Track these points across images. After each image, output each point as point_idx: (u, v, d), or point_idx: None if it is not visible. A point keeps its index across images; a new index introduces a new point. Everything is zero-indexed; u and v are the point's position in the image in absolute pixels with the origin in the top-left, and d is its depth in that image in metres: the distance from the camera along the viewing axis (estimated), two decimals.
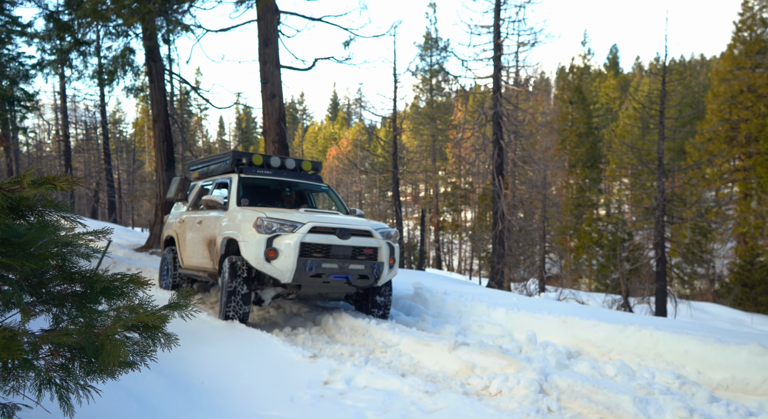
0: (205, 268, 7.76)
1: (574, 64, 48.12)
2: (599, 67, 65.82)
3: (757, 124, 31.18)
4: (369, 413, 4.20)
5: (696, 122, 37.04)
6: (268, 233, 6.55)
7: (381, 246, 7.06)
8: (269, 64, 13.28)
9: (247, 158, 8.14)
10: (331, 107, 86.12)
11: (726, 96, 32.39)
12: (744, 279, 28.52)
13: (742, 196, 33.55)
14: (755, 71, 31.38)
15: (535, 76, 46.89)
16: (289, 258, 6.48)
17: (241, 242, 6.68)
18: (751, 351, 5.53)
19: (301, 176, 8.48)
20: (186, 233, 8.45)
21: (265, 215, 6.68)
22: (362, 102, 56.52)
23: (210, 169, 8.78)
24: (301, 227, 6.61)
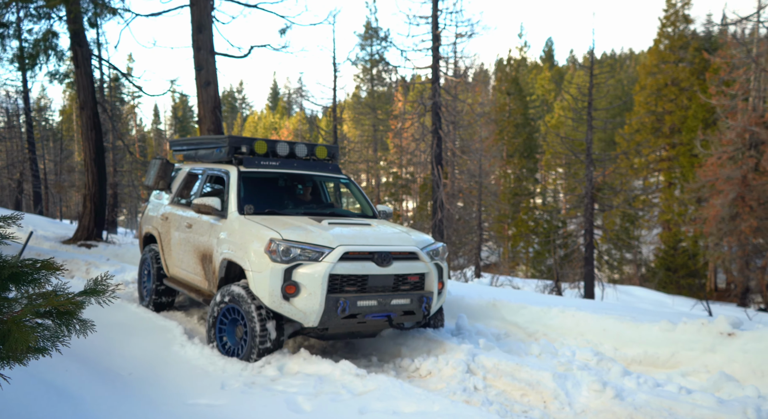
0: (198, 287, 6.23)
1: (511, 56, 49.23)
2: (536, 59, 67.61)
3: (680, 116, 32.89)
4: (300, 398, 4.26)
5: (625, 113, 38.66)
6: (286, 261, 4.99)
7: (429, 271, 5.52)
8: (203, 50, 12.99)
9: (247, 146, 6.35)
10: (271, 96, 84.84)
11: (652, 89, 33.97)
12: (668, 264, 30.16)
13: (666, 185, 35.38)
14: (678, 65, 33.03)
15: (473, 67, 47.67)
16: (315, 296, 4.94)
17: (249, 271, 5.13)
18: (661, 328, 5.92)
19: (315, 166, 6.70)
20: (171, 233, 6.81)
21: (280, 235, 5.08)
22: (303, 91, 55.99)
23: (200, 154, 7.04)
24: (329, 253, 5.03)
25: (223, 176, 6.33)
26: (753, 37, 22.66)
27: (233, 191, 5.95)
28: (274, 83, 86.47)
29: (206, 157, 6.83)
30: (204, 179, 6.74)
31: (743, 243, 24.13)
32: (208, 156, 6.77)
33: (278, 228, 5.22)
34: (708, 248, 26.92)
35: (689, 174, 30.56)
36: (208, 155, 6.78)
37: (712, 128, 28.49)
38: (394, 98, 44.55)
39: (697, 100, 29.41)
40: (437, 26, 23.40)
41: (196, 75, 13.13)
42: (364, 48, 42.59)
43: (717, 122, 27.71)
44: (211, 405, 4.09)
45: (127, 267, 9.67)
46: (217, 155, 6.54)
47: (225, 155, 6.38)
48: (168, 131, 66.76)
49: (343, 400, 4.18)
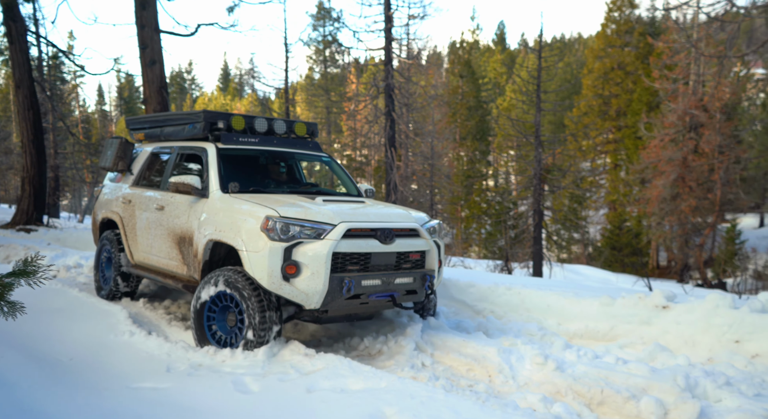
0: (174, 273, 5.85)
1: (464, 39, 49.51)
2: (488, 42, 68.14)
3: (625, 99, 33.85)
4: (247, 378, 4.25)
5: (574, 96, 39.51)
6: (285, 239, 4.69)
7: (430, 248, 5.37)
8: (147, 28, 12.57)
9: (224, 122, 5.95)
10: (222, 77, 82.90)
11: (599, 72, 34.79)
12: (613, 243, 31.21)
13: (612, 166, 36.48)
14: (624, 50, 33.89)
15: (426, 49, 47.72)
16: (318, 276, 4.66)
17: (244, 251, 4.81)
18: (601, 303, 6.15)
19: (295, 144, 6.43)
20: (137, 218, 6.36)
21: (277, 212, 4.77)
22: (254, 72, 54.89)
23: (165, 132, 6.55)
24: (331, 230, 4.76)
25: (199, 154, 5.93)
26: (693, 23, 23.45)
27: (213, 169, 5.60)
28: (225, 64, 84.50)
29: (175, 134, 6.38)
30: (175, 158, 6.26)
31: (683, 222, 25.20)
32: (178, 134, 6.33)
33: (272, 205, 4.91)
34: (651, 227, 28.00)
35: (634, 156, 31.59)
36: (177, 132, 6.34)
37: (656, 111, 29.46)
38: (347, 80, 44.23)
39: (642, 83, 30.30)
40: (389, 7, 23.27)
41: (140, 54, 12.71)
42: (317, 29, 42.06)
43: (660, 105, 28.68)
44: (156, 388, 4.04)
45: (69, 252, 9.37)
46: (190, 132, 6.13)
47: (200, 132, 5.98)
48: (113, 112, 64.46)
49: (291, 380, 4.19)
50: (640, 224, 30.47)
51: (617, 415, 4.07)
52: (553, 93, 32.83)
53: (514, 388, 4.57)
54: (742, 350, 5.14)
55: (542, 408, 4.04)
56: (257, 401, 3.89)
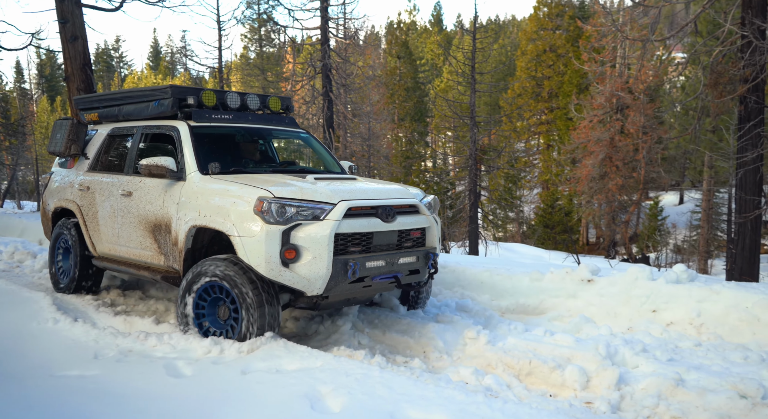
0: (149, 264, 5.47)
1: (401, 19, 49.41)
2: (425, 23, 68.30)
3: (557, 81, 34.81)
4: (180, 363, 4.18)
5: (508, 78, 40.29)
6: (282, 222, 4.38)
7: (431, 225, 5.17)
8: (68, 1, 11.88)
9: (194, 97, 5.51)
10: (152, 55, 79.58)
11: (532, 55, 35.58)
12: (546, 221, 32.30)
13: (545, 147, 37.59)
14: (556, 32, 34.77)
15: (364, 29, 47.40)
16: (321, 260, 4.38)
17: (236, 237, 4.47)
18: (531, 278, 6.39)
19: (271, 119, 6.08)
20: (99, 206, 5.93)
21: (271, 192, 4.45)
22: (187, 51, 53.03)
23: (125, 111, 6.02)
24: (330, 210, 4.48)
25: (169, 134, 5.50)
26: (619, 7, 24.30)
27: (188, 149, 5.20)
28: (155, 41, 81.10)
29: (137, 113, 5.88)
30: (139, 138, 5.82)
31: (610, 200, 26.35)
32: (140, 112, 5.83)
33: (263, 185, 4.58)
34: (581, 205, 29.13)
35: (565, 137, 32.65)
36: (139, 110, 5.84)
37: (585, 92, 30.46)
38: (284, 60, 43.42)
39: (572, 66, 31.21)
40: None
41: (60, 29, 12.03)
42: (251, 6, 40.86)
43: (589, 87, 29.66)
44: (83, 376, 3.91)
45: None
46: (156, 110, 5.64)
47: (168, 109, 5.50)
48: (34, 90, 60.86)
49: (225, 362, 4.15)
50: (571, 203, 31.64)
51: (544, 384, 4.26)
52: (489, 75, 33.37)
53: (448, 363, 4.71)
54: (658, 319, 5.47)
55: (474, 381, 4.18)
56: (190, 384, 3.84)
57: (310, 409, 3.38)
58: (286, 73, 39.58)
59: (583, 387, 4.11)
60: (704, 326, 5.23)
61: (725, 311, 5.23)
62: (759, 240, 12.15)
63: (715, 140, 23.87)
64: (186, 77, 57.35)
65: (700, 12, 12.00)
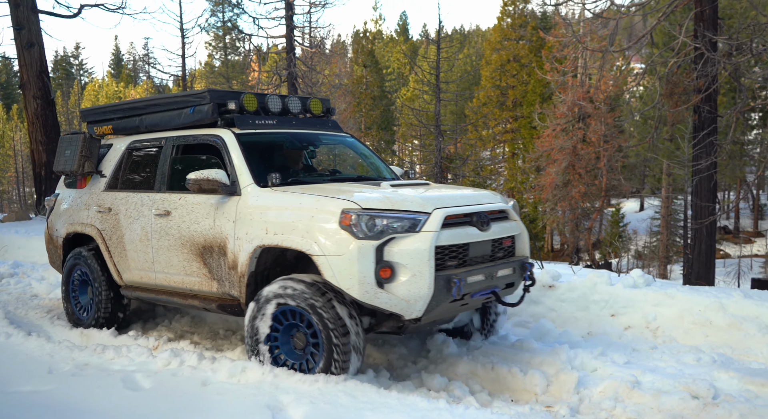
0: (197, 291, 4.87)
1: (367, 28, 49.74)
2: (391, 32, 68.83)
3: (521, 90, 35.42)
4: (138, 375, 4.11)
5: (474, 87, 40.84)
6: (373, 236, 3.84)
7: (522, 232, 4.69)
8: (23, 7, 11.63)
9: (235, 102, 4.98)
10: (113, 63, 78.21)
11: (497, 64, 36.14)
12: None
13: (510, 155, 38.15)
14: (519, 43, 35.42)
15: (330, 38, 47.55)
16: (422, 278, 3.81)
17: (321, 256, 3.91)
18: None
19: (315, 124, 5.60)
20: (125, 228, 5.34)
21: (356, 203, 3.93)
22: (150, 58, 52.24)
23: (149, 121, 5.50)
24: (426, 220, 3.94)
25: (211, 144, 4.93)
26: (580, 19, 24.93)
27: (239, 160, 4.66)
28: (117, 48, 79.77)
29: (164, 123, 5.35)
30: (169, 151, 5.23)
31: (574, 207, 26.89)
32: (169, 121, 5.30)
33: (344, 196, 4.05)
34: (545, 212, 29.64)
35: (529, 145, 33.19)
36: (168, 120, 5.32)
37: (548, 102, 31.09)
38: (249, 68, 43.16)
39: (535, 75, 31.80)
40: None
41: (15, 35, 11.76)
42: (215, 14, 40.56)
43: (552, 97, 30.30)
44: (37, 391, 3.80)
45: None
46: (190, 118, 5.14)
47: (207, 116, 5.00)
48: None
49: (185, 375, 4.09)
50: (536, 210, 32.15)
51: (507, 390, 4.31)
52: (454, 84, 33.80)
53: (413, 370, 4.73)
54: (616, 322, 5.60)
55: (437, 386, 4.21)
56: (149, 398, 3.77)
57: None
58: (251, 81, 39.32)
59: (543, 391, 4.17)
60: (660, 329, 5.37)
61: (679, 315, 5.38)
62: (714, 245, 12.56)
63: (672, 148, 24.61)
64: (149, 85, 56.49)
65: (656, 24, 12.40)
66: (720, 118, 12.68)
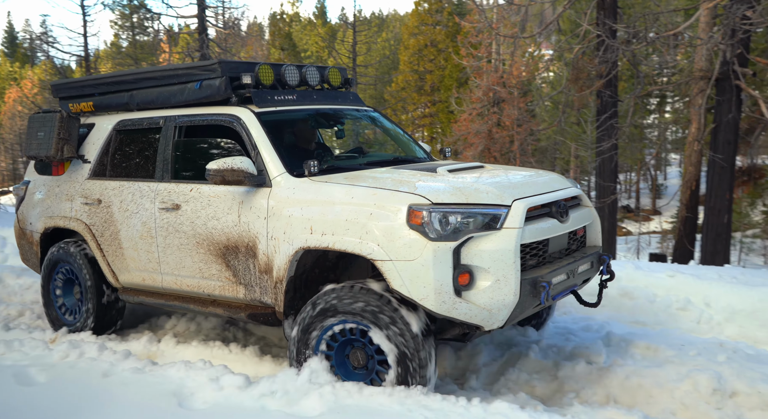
0: (216, 296, 4.28)
1: (283, 10, 48.71)
2: (309, 15, 67.83)
3: (438, 75, 35.99)
4: (33, 369, 3.88)
5: (393, 72, 41.06)
6: (449, 236, 3.27)
7: (594, 219, 4.18)
8: None
9: (251, 75, 4.28)
10: (7, 42, 72.45)
11: (414, 49, 36.49)
12: None
13: (429, 139, 38.77)
14: (436, 28, 35.89)
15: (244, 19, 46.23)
16: (507, 282, 3.26)
17: (386, 261, 3.30)
18: None
19: (336, 97, 4.96)
20: (123, 223, 4.68)
21: (426, 197, 3.35)
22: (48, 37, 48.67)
23: (142, 98, 4.80)
24: (506, 214, 3.36)
25: (223, 125, 4.26)
26: (493, 5, 25.54)
27: (264, 145, 4.00)
28: (10, 26, 73.83)
29: (163, 100, 4.65)
30: (171, 133, 4.53)
31: None
32: (169, 98, 4.60)
33: (406, 188, 3.46)
34: None
35: (447, 129, 33.85)
36: (168, 96, 4.60)
37: (465, 86, 31.74)
38: (159, 49, 41.28)
39: (452, 61, 32.36)
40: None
41: None
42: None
43: (468, 82, 30.95)
44: None
45: None
46: (196, 94, 4.42)
47: (219, 92, 4.30)
48: None
49: (83, 367, 3.90)
50: None
51: None
52: (373, 68, 33.85)
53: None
54: None
55: None
56: (45, 392, 3.58)
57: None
58: (162, 63, 37.64)
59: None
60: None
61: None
62: (616, 223, 13.38)
63: (579, 131, 25.84)
64: (48, 66, 52.81)
65: (562, 11, 12.91)
66: (620, 102, 13.43)
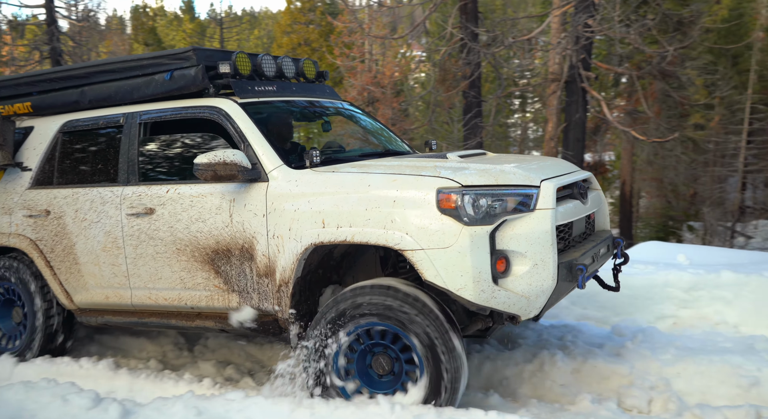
0: (201, 308, 3.89)
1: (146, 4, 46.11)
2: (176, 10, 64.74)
3: None
4: None
5: None
6: (483, 220, 3.04)
7: (603, 203, 4.10)
8: None
9: (229, 64, 3.93)
10: None
11: (288, 47, 36.04)
12: None
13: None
14: (309, 27, 35.71)
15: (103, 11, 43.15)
16: (545, 267, 3.06)
17: (417, 250, 3.04)
18: None
19: (314, 90, 4.66)
20: (78, 235, 4.21)
21: (454, 180, 3.10)
22: None
23: (96, 94, 4.30)
24: (536, 194, 3.15)
25: (204, 118, 3.90)
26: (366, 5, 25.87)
27: (255, 136, 3.69)
28: None
29: (123, 95, 4.20)
30: (135, 131, 4.12)
31: None
32: (132, 92, 4.16)
33: (427, 172, 3.22)
34: None
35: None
36: (131, 90, 4.16)
37: (340, 86, 31.86)
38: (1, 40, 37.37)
39: (326, 60, 32.37)
40: None
41: None
42: None
43: (343, 81, 31.11)
44: None
45: None
46: (165, 86, 4.01)
47: (194, 82, 3.91)
48: None
49: None
50: None
51: None
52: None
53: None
54: None
55: None
56: None
57: None
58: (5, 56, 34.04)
59: None
60: None
61: None
62: None
63: (449, 130, 26.92)
64: None
65: (428, 14, 13.29)
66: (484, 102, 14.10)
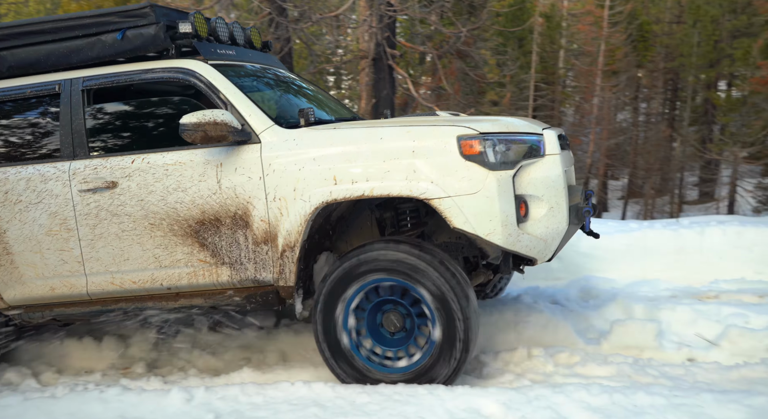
0: (183, 287, 3.52)
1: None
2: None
3: None
4: None
5: None
6: (506, 165, 3.05)
7: (572, 157, 4.18)
8: None
9: (189, 25, 3.52)
10: None
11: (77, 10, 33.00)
12: None
13: None
14: None
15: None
16: (560, 210, 3.15)
17: (444, 198, 2.98)
18: None
19: (267, 58, 4.40)
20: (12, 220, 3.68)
21: (471, 128, 3.04)
22: None
23: (28, 57, 3.71)
24: (542, 141, 3.24)
25: (171, 82, 3.56)
26: None
27: (239, 98, 3.42)
28: None
29: (61, 58, 3.69)
30: (78, 99, 3.64)
31: None
32: (70, 56, 3.67)
33: (440, 123, 3.20)
34: None
35: None
36: (68, 53, 3.67)
37: None
38: None
39: None
40: None
41: None
42: None
43: None
44: None
45: None
46: (115, 48, 3.59)
47: (154, 42, 3.54)
48: None
49: None
50: None
51: None
52: None
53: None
54: None
55: None
56: None
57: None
58: None
59: None
60: None
61: None
62: None
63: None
64: None
65: None
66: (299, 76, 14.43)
